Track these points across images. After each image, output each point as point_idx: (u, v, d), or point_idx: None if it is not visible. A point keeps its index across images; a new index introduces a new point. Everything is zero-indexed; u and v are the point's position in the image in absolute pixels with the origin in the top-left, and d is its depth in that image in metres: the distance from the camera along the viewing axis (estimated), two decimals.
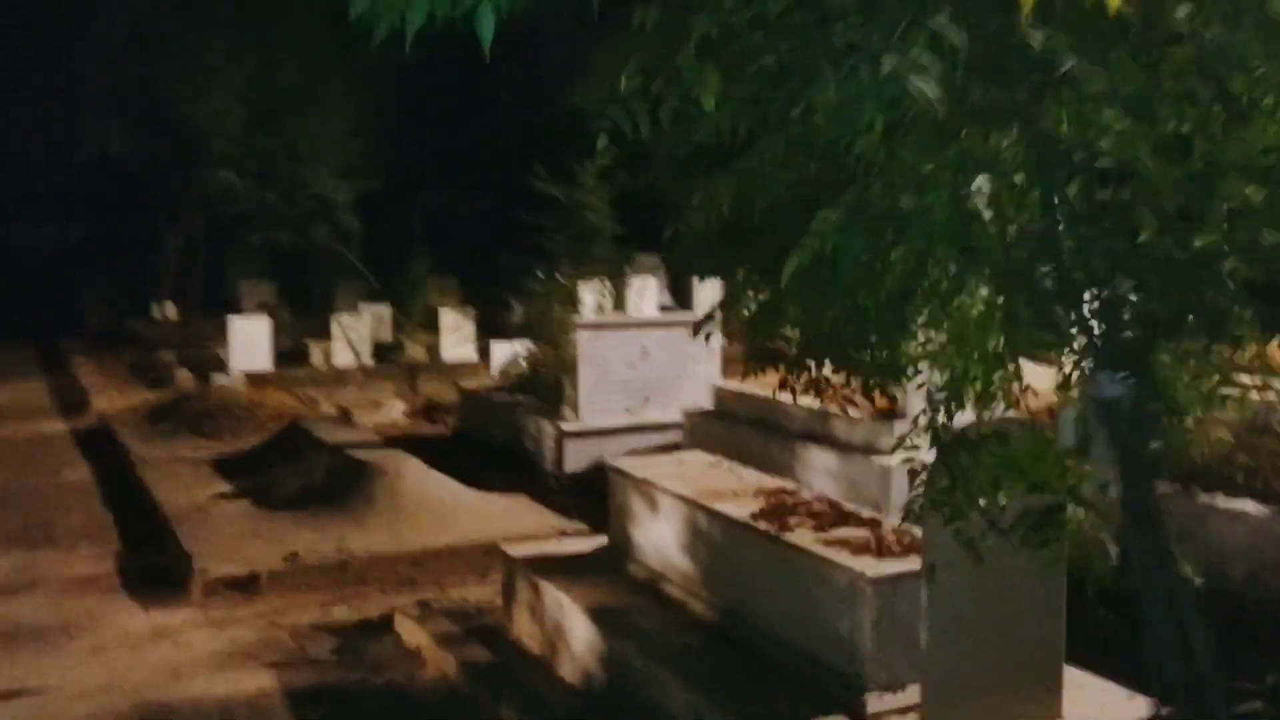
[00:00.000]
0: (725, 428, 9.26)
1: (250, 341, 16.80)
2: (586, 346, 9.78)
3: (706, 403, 10.19)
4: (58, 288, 24.99)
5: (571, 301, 18.42)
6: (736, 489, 6.12)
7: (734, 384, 9.62)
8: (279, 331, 19.58)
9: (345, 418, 14.06)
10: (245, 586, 7.51)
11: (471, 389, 12.62)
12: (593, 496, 9.24)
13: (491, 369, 14.57)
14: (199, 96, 16.48)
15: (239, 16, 16.84)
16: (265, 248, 25.05)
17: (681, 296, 22.45)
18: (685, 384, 10.20)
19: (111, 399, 15.24)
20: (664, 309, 18.75)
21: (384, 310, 20.72)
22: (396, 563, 7.97)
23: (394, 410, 14.58)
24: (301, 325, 20.91)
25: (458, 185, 26.20)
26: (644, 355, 9.98)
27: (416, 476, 9.08)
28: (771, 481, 6.35)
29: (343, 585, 7.74)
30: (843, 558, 4.87)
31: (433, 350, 18.74)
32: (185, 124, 16.78)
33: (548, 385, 11.06)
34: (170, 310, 20.21)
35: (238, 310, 23.15)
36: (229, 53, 16.62)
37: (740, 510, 5.66)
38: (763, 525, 5.39)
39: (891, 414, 8.05)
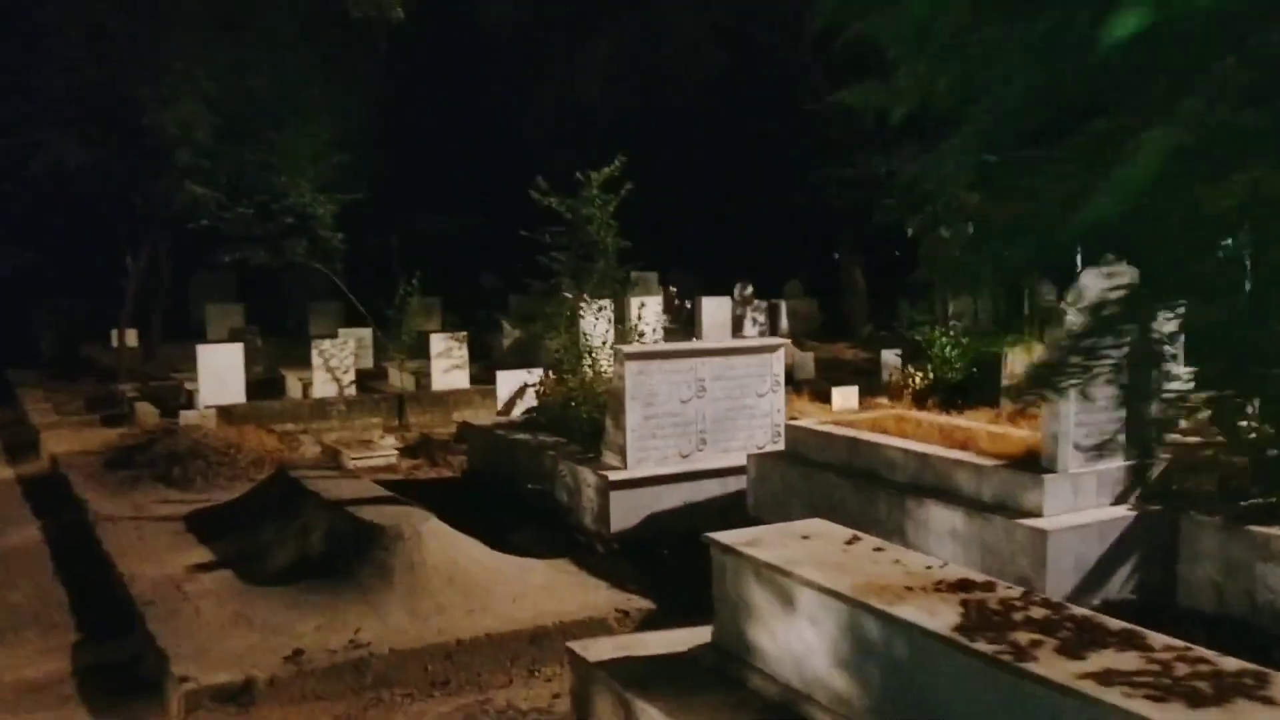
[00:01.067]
0: (804, 476, 7.68)
1: (221, 372, 15.03)
2: (634, 380, 8.17)
3: (772, 442, 8.63)
4: (7, 313, 23.02)
5: (576, 323, 16.91)
6: (904, 580, 4.55)
7: (814, 421, 8.05)
8: (251, 360, 17.86)
9: (334, 459, 12.37)
10: (237, 697, 5.81)
11: (484, 426, 10.95)
12: (647, 560, 7.64)
13: (499, 400, 12.90)
14: (164, 102, 14.71)
15: (208, 14, 15.13)
16: (232, 269, 23.36)
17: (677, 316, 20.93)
18: (744, 421, 8.62)
19: (65, 439, 13.41)
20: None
21: (365, 334, 19.03)
22: (425, 658, 6.30)
23: (386, 448, 12.87)
24: (275, 352, 19.18)
25: (435, 202, 24.55)
26: (700, 389, 8.38)
27: (440, 542, 7.41)
28: (944, 568, 4.77)
29: (359, 691, 6.06)
30: (1145, 709, 3.30)
31: (420, 378, 17.05)
32: (149, 133, 14.99)
33: (577, 423, 9.42)
34: (130, 337, 18.35)
35: (203, 337, 21.41)
36: (197, 55, 14.87)
37: (933, 617, 4.09)
38: (984, 646, 3.82)
39: (1034, 460, 6.50)
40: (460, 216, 26.62)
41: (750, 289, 24.09)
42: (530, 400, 12.95)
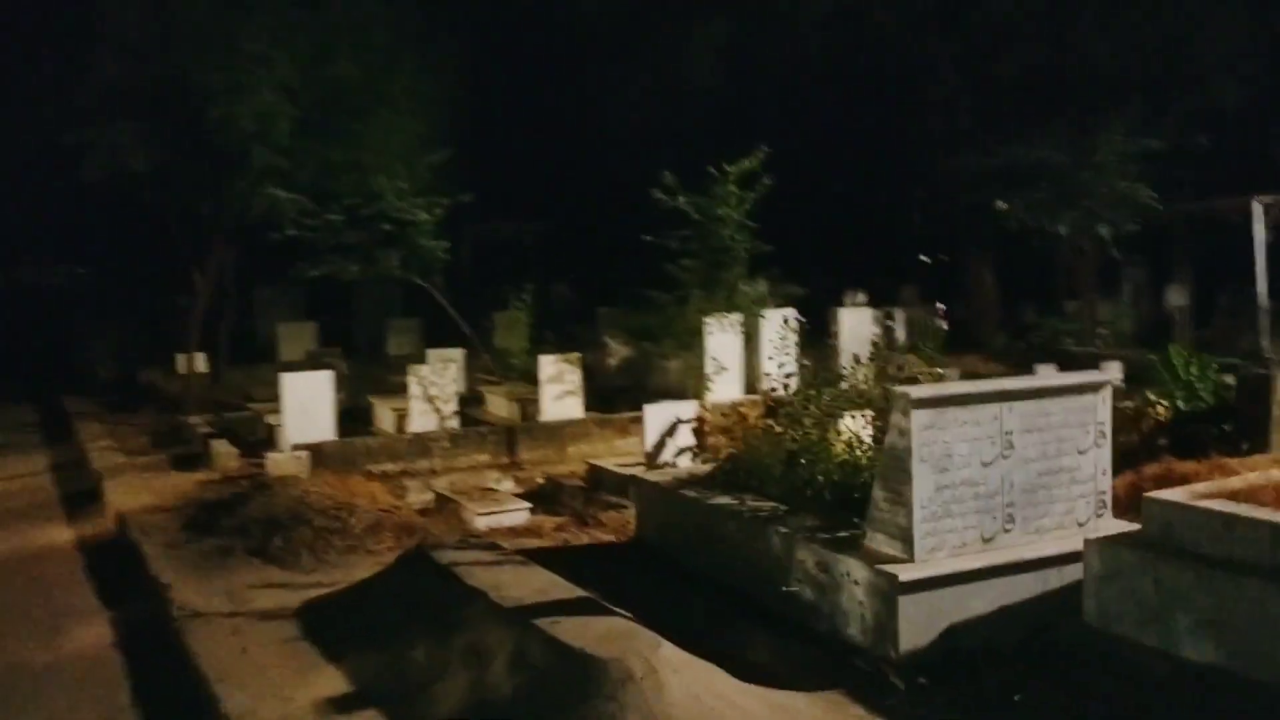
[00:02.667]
0: (1197, 578, 5.30)
1: (307, 403, 12.82)
2: (924, 435, 5.82)
3: (1096, 515, 6.26)
4: (60, 334, 21.02)
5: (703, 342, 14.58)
6: None
7: (1183, 493, 5.67)
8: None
9: (453, 513, 10.10)
10: None
11: (659, 483, 8.54)
12: (971, 699, 5.28)
13: (647, 440, 10.58)
14: (238, 93, 12.54)
15: None
16: (301, 283, 21.22)
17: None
18: (1061, 489, 6.26)
19: (132, 489, 11.23)
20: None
21: (455, 355, 16.80)
22: None
23: (512, 499, 10.60)
24: (354, 376, 17.00)
25: (505, 205, 22.22)
26: (1006, 445, 6.02)
27: (681, 679, 5.10)
28: None
29: None
30: None
31: (524, 406, 14.82)
32: (220, 130, 12.83)
33: (811, 486, 7.06)
34: (199, 362, 16.20)
35: (272, 359, 19.31)
36: (275, 36, 12.69)
37: None
38: None
39: None
40: (530, 221, 24.36)
41: (861, 296, 21.69)
42: (684, 439, 10.63)
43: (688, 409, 10.65)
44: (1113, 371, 16.62)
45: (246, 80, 12.51)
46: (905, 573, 5.72)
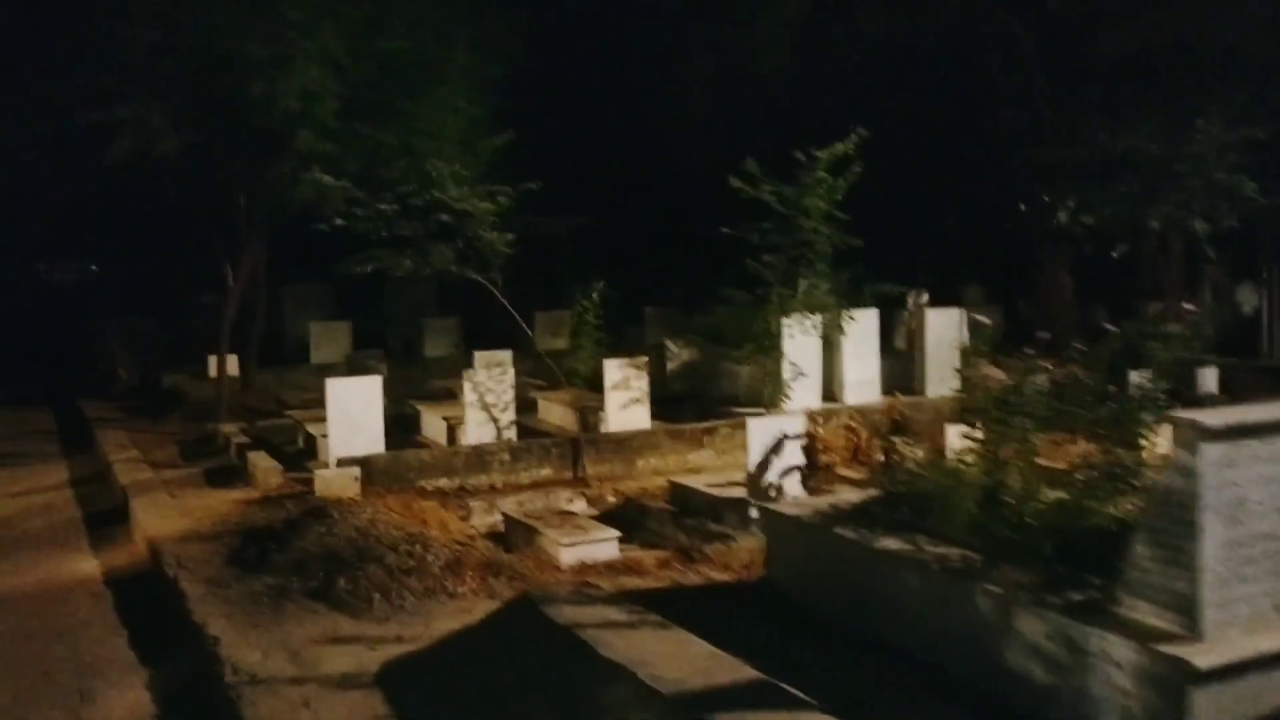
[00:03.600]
0: None
1: (354, 412, 11.45)
2: (1215, 475, 4.46)
3: None
4: (77, 334, 19.67)
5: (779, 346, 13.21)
6: None
7: None
8: None
9: (528, 539, 8.75)
10: None
11: (800, 518, 7.08)
12: None
13: (750, 459, 9.20)
14: (280, 67, 11.18)
15: None
16: (331, 279, 19.85)
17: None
18: None
19: (164, 510, 9.89)
20: None
21: (504, 358, 15.46)
22: None
23: (592, 524, 9.23)
24: (392, 380, 15.64)
25: (546, 199, 20.76)
26: None
27: None
28: None
29: None
30: None
31: (585, 414, 13.45)
32: (260, 108, 11.47)
33: (1024, 532, 5.66)
34: (231, 365, 14.85)
35: (304, 359, 17.99)
36: (320, 4, 11.32)
37: None
38: None
39: None
40: (568, 215, 22.93)
41: (926, 296, 20.29)
42: (792, 458, 9.25)
43: (795, 423, 9.27)
44: (1209, 380, 15.27)
45: (290, 52, 11.13)
46: (1200, 656, 4.34)
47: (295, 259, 18.00)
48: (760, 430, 9.18)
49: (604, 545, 8.69)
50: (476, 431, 12.10)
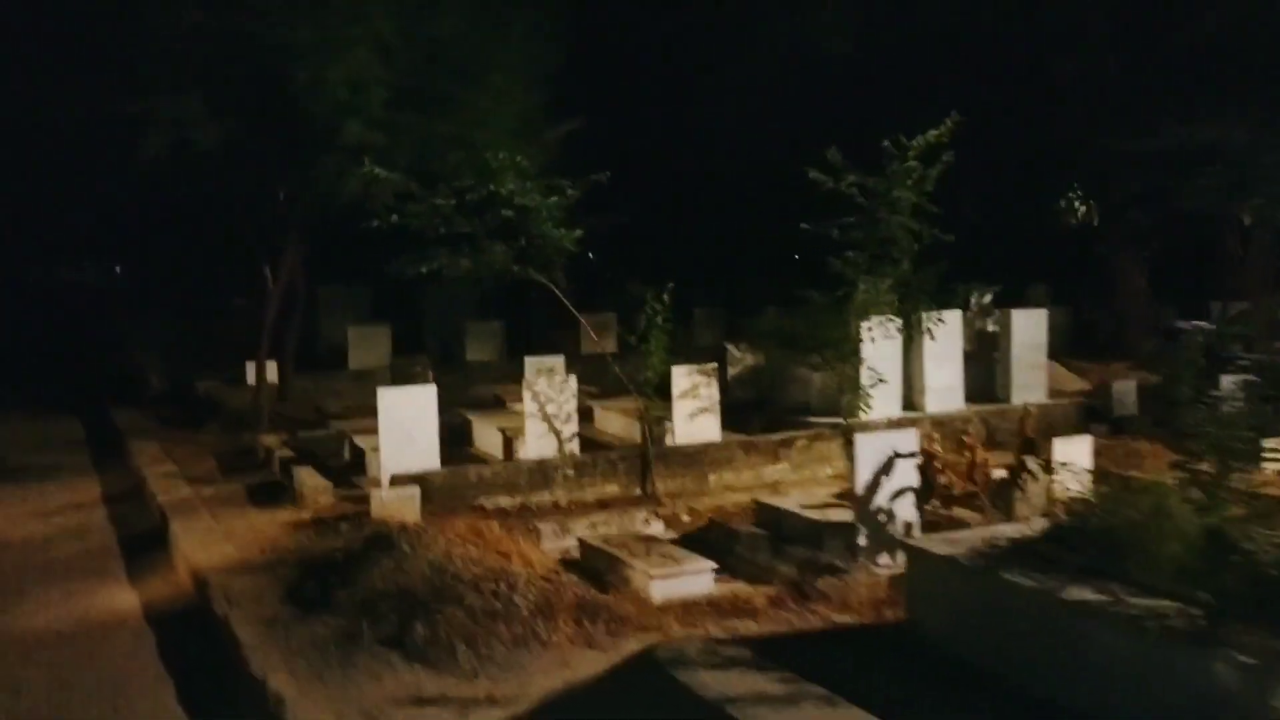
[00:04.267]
0: None
1: (407, 424, 10.56)
2: None
3: None
4: (104, 338, 18.84)
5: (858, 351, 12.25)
6: None
7: None
8: None
9: (611, 569, 7.82)
10: None
11: (959, 559, 6.08)
12: None
13: (857, 479, 8.23)
14: (327, 53, 10.28)
15: None
16: (368, 280, 18.99)
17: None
18: None
19: (206, 532, 9.00)
20: None
21: (556, 364, 14.50)
22: None
23: (678, 552, 8.29)
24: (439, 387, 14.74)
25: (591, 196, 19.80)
26: None
27: None
28: None
29: None
30: None
31: (648, 425, 12.51)
32: (307, 96, 10.57)
33: (1255, 585, 4.68)
34: (270, 371, 13.96)
35: (341, 365, 17.11)
36: None
37: None
38: None
39: None
40: (607, 214, 21.94)
41: (989, 296, 19.27)
42: (904, 477, 8.28)
43: (908, 438, 8.30)
44: None
45: (338, 37, 10.21)
46: None
47: (328, 259, 17.09)
48: (869, 446, 8.21)
49: (698, 578, 7.76)
50: (537, 444, 11.18)
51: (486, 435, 12.38)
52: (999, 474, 8.72)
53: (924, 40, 16.58)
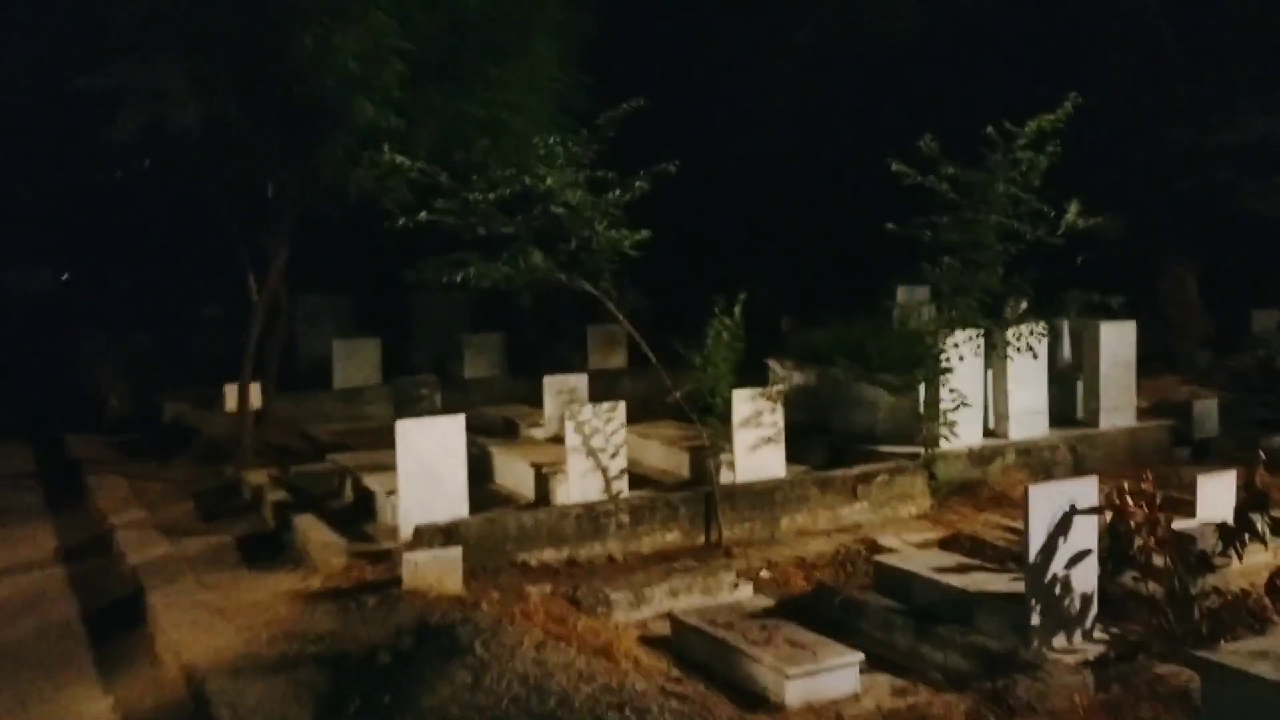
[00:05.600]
0: None
1: (433, 462, 8.74)
2: None
3: None
4: (57, 354, 16.71)
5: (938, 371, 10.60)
6: None
7: None
8: None
9: (717, 651, 6.04)
10: None
11: (1274, 681, 4.38)
12: None
13: (1029, 539, 6.49)
14: (335, 18, 8.44)
15: None
16: (348, 287, 17.05)
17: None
18: None
19: (195, 610, 7.10)
20: None
21: (578, 385, 12.75)
22: None
23: (815, 639, 6.53)
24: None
25: None
26: None
27: None
28: None
29: None
30: None
31: (700, 457, 10.78)
32: (310, 70, 8.71)
33: None
34: (255, 395, 12.02)
35: (325, 383, 15.18)
36: None
37: None
38: None
39: None
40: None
41: (1025, 304, 17.69)
42: (1084, 538, 6.56)
43: (1087, 491, 6.59)
44: None
45: (340, 10, 8.38)
46: None
47: (305, 263, 15.07)
48: (1044, 499, 6.49)
49: (842, 675, 6.03)
50: (580, 484, 9.39)
51: (511, 470, 10.56)
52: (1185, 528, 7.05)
53: (972, 28, 14.96)
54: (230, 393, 12.04)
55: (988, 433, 11.28)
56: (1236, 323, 17.86)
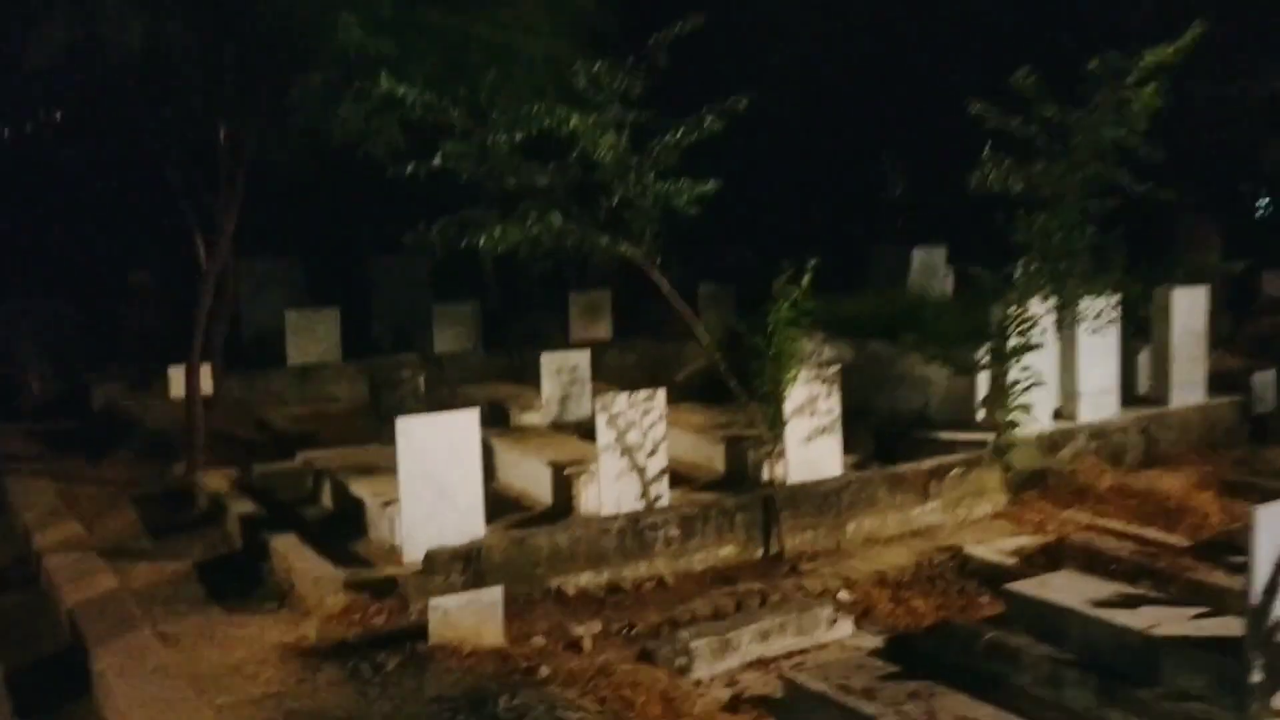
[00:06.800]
0: None
1: (441, 470, 7.08)
2: None
3: None
4: None
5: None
6: None
7: None
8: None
9: None
10: None
11: None
12: None
13: (1253, 580, 5.03)
14: None
15: None
16: (295, 250, 15.06)
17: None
18: None
19: (159, 679, 5.37)
20: None
21: (579, 361, 11.14)
22: None
23: (904, 674, 5.05)
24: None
25: None
26: None
27: None
28: None
29: None
30: None
31: (737, 450, 9.28)
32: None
33: None
34: (205, 378, 10.16)
35: (278, 359, 13.32)
36: None
37: None
38: None
39: None
40: None
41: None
42: None
43: None
44: None
45: None
46: None
47: (248, 222, 13.13)
48: (1273, 525, 5.03)
49: None
50: (614, 487, 7.78)
51: (519, 468, 8.93)
52: None
53: None
54: (175, 377, 10.19)
55: (1059, 415, 9.90)
56: (1247, 286, 16.74)
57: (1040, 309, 8.99)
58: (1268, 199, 15.80)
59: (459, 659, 5.33)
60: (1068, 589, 6.10)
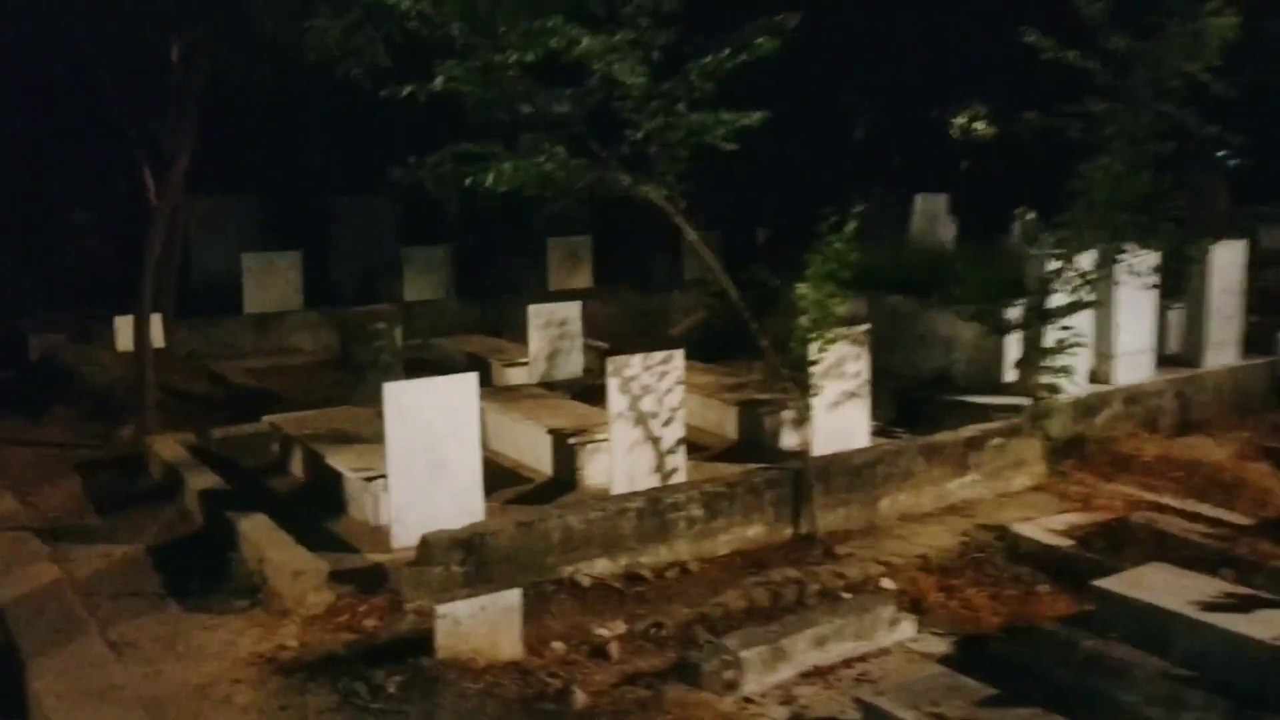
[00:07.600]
0: None
1: (436, 441, 6.14)
2: None
3: None
4: None
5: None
6: None
7: None
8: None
9: None
10: None
11: None
12: None
13: None
14: None
15: None
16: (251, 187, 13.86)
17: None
18: None
19: (106, 705, 4.42)
20: None
21: (570, 313, 10.21)
22: None
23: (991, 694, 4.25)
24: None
25: None
26: None
27: None
28: None
29: None
30: None
31: (751, 415, 8.42)
32: None
33: None
34: (156, 328, 9.07)
35: (233, 306, 12.22)
36: None
37: None
38: None
39: None
40: None
41: (1034, 214, 15.65)
42: None
43: None
44: None
45: None
46: None
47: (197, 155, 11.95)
48: None
49: None
50: (626, 460, 6.87)
51: (513, 434, 8.00)
52: None
53: None
54: (122, 327, 9.08)
55: (1095, 379, 9.12)
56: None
57: (1090, 263, 8.16)
58: None
59: (473, 678, 4.45)
60: (1165, 588, 5.30)
